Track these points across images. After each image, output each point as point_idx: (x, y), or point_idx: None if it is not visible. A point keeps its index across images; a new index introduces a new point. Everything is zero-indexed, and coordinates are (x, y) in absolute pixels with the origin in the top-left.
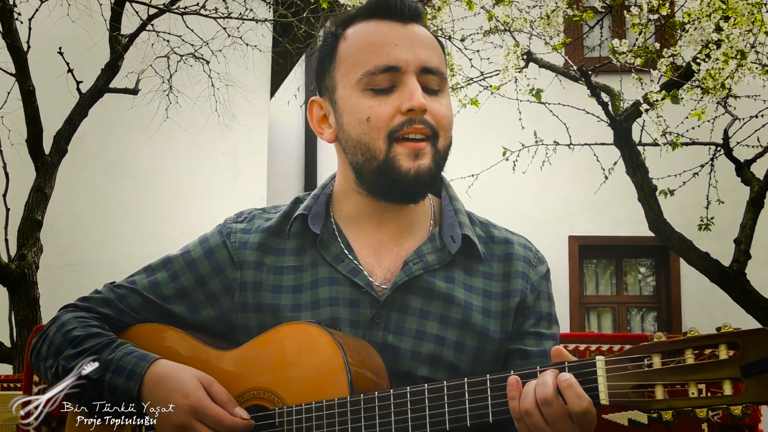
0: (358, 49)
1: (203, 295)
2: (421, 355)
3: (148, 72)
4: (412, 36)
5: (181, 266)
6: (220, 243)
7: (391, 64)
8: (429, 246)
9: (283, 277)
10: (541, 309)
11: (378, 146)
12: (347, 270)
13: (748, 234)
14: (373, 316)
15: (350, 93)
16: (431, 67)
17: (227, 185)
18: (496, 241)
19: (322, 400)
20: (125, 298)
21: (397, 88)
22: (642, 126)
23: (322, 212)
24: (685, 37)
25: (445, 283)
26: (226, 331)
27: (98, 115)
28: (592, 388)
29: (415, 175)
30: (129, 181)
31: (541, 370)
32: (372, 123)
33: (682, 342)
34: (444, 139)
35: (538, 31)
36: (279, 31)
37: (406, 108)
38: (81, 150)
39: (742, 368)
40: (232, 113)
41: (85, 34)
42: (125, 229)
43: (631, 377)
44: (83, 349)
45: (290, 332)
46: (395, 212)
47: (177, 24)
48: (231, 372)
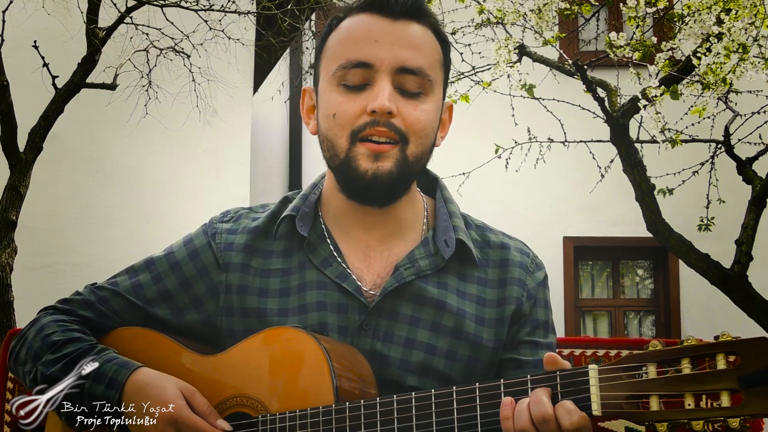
0: (339, 42)
1: (187, 298)
2: (410, 363)
3: (126, 66)
4: (399, 33)
5: (164, 268)
6: (205, 244)
7: (363, 60)
8: (422, 250)
9: (269, 281)
10: (537, 317)
11: (341, 144)
12: (335, 274)
13: (749, 235)
14: (362, 323)
15: (326, 86)
16: (411, 67)
17: (209, 184)
18: (492, 245)
19: (306, 408)
20: (107, 301)
21: (369, 87)
22: (640, 122)
23: (310, 213)
24: (684, 30)
25: (437, 290)
26: (211, 336)
27: (75, 111)
28: (584, 398)
29: (372, 176)
30: (106, 180)
31: (532, 379)
32: (337, 120)
33: (678, 351)
34: (416, 145)
35: (532, 24)
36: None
37: (370, 109)
38: (57, 147)
39: (740, 379)
40: (213, 109)
41: (61, 27)
42: (103, 229)
43: (625, 387)
44: (63, 355)
45: (275, 337)
46: (379, 215)
47: (156, 16)
48: (213, 378)
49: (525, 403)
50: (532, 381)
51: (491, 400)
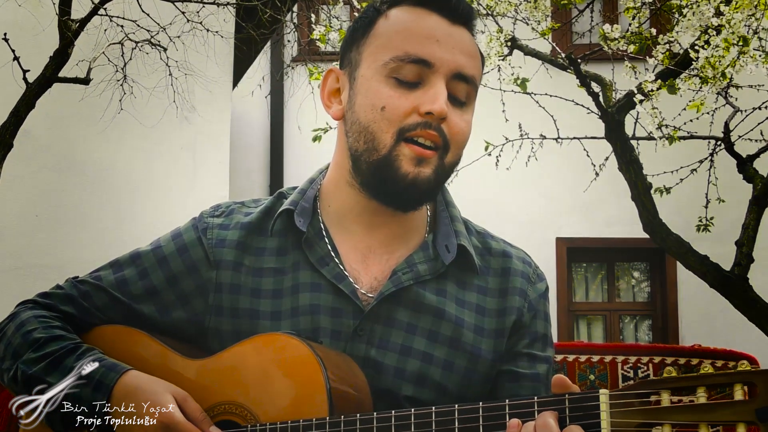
0: (395, 31)
1: (174, 296)
2: (405, 372)
3: (100, 60)
4: (458, 38)
5: (151, 263)
6: (195, 239)
7: (424, 57)
8: (421, 255)
9: (262, 280)
10: (537, 329)
11: (384, 139)
12: (331, 275)
13: (750, 235)
14: (356, 328)
15: (372, 74)
16: (466, 74)
17: (186, 182)
18: (493, 253)
19: (298, 419)
20: (90, 296)
21: (422, 86)
22: (636, 118)
23: (309, 209)
24: (682, 22)
25: (435, 296)
26: (198, 335)
27: (46, 106)
28: (593, 423)
29: (412, 180)
30: (79, 179)
31: (539, 401)
32: (386, 113)
33: (694, 379)
34: (453, 155)
35: (524, 15)
36: (242, 16)
37: (426, 110)
38: (27, 145)
39: (757, 411)
40: (191, 105)
41: (32, 19)
42: (75, 230)
43: (637, 414)
44: (45, 354)
45: (267, 344)
46: (387, 216)
47: (132, 8)
48: (200, 383)
49: (531, 427)
50: (539, 403)
51: (495, 421)
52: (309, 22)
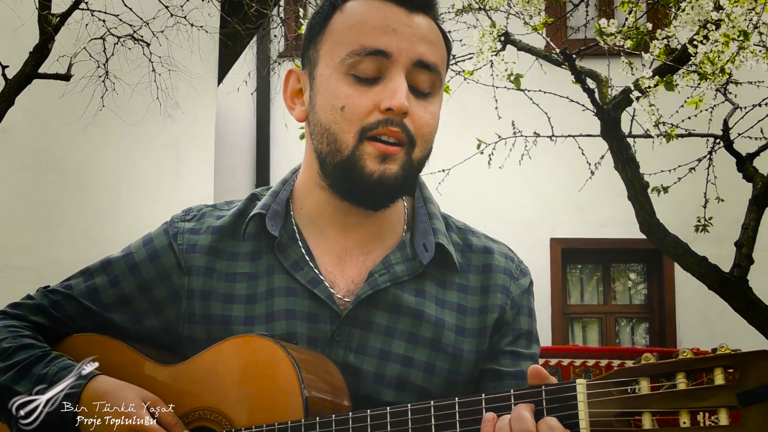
0: (350, 25)
1: (146, 303)
2: (385, 377)
3: (81, 56)
4: (416, 25)
5: (122, 270)
6: (166, 245)
7: (380, 48)
8: (398, 255)
9: (235, 286)
10: (520, 326)
11: (346, 140)
12: (306, 279)
13: (750, 236)
14: (333, 333)
15: (330, 73)
16: (427, 61)
17: (169, 181)
18: (474, 249)
19: (273, 422)
20: (60, 306)
21: (382, 81)
22: (632, 116)
23: (281, 212)
24: (680, 17)
25: (414, 298)
26: (172, 343)
27: (26, 103)
28: (571, 415)
29: (378, 179)
30: (59, 177)
31: (516, 394)
32: (346, 114)
33: (673, 365)
34: (421, 149)
35: (517, 9)
36: (227, 10)
37: (386, 106)
38: (6, 143)
39: (739, 395)
40: (175, 101)
41: (11, 14)
42: (55, 230)
43: (616, 403)
44: (14, 362)
45: (240, 346)
46: (361, 216)
47: (114, 2)
48: (174, 389)
49: (507, 420)
50: (516, 396)
51: (471, 416)
52: (296, 16)
